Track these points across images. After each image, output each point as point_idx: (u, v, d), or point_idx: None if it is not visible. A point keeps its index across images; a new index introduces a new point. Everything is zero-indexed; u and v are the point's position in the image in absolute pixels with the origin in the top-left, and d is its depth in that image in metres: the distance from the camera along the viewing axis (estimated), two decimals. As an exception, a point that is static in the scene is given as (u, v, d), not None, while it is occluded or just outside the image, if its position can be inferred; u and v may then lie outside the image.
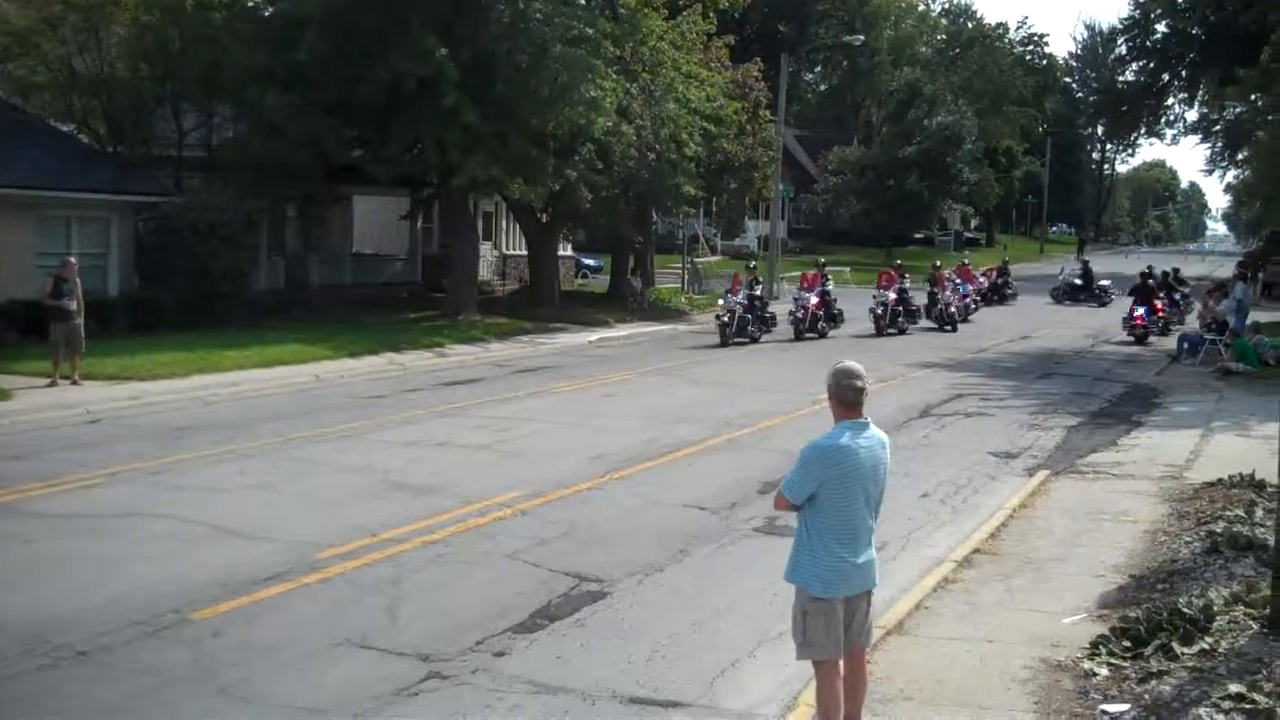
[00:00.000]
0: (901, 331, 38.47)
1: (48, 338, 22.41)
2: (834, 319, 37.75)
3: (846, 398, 7.15)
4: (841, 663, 7.37)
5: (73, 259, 23.93)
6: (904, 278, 40.73)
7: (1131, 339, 36.75)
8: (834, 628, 7.12)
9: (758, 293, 35.84)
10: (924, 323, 40.27)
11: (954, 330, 39.77)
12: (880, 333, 37.76)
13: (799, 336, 35.51)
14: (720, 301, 34.51)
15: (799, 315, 35.89)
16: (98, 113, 32.99)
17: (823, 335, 36.51)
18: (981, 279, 50.64)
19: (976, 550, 12.43)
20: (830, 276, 39.60)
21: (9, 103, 32.70)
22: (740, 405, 22.75)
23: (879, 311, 37.91)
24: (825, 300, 37.26)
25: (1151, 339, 36.93)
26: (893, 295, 38.36)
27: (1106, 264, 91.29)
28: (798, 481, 7.08)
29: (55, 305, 22.12)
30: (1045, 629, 10.02)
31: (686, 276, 50.88)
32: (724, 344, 32.81)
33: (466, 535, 12.86)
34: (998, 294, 52.55)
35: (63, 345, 22.09)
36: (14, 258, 26.07)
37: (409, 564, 11.73)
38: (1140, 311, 37.27)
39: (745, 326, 33.90)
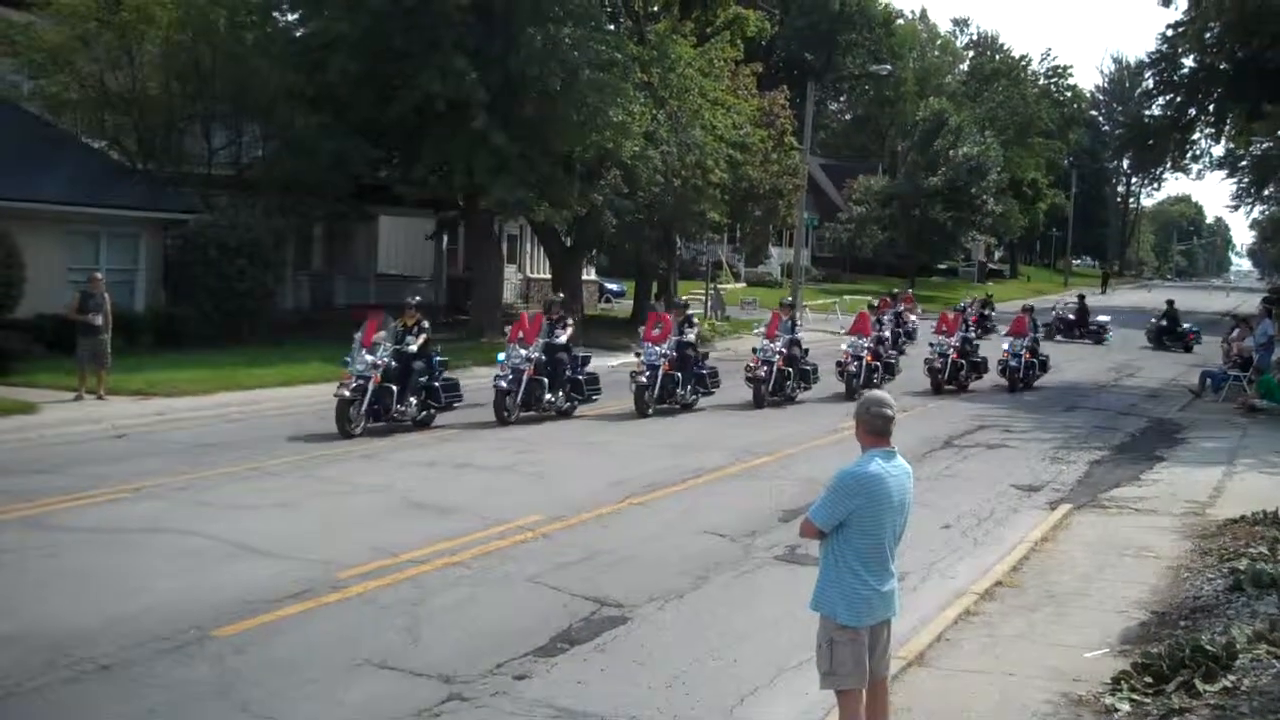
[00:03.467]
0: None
1: (74, 352, 22.56)
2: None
3: (876, 426, 7.16)
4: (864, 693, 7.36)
5: (99, 274, 24.09)
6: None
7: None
8: (860, 657, 7.10)
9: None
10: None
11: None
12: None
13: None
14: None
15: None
16: (129, 130, 33.17)
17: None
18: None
19: (998, 583, 12.40)
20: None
21: (42, 119, 32.94)
22: (762, 432, 22.74)
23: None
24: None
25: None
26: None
27: (1128, 298, 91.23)
28: (829, 509, 7.07)
29: (82, 320, 22.24)
30: (1066, 663, 9.98)
31: (709, 303, 50.91)
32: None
33: (487, 557, 12.88)
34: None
35: (89, 360, 22.20)
36: (43, 272, 26.24)
37: (430, 585, 11.74)
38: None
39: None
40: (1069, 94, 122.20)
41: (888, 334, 31.42)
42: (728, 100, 42.27)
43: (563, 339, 23.60)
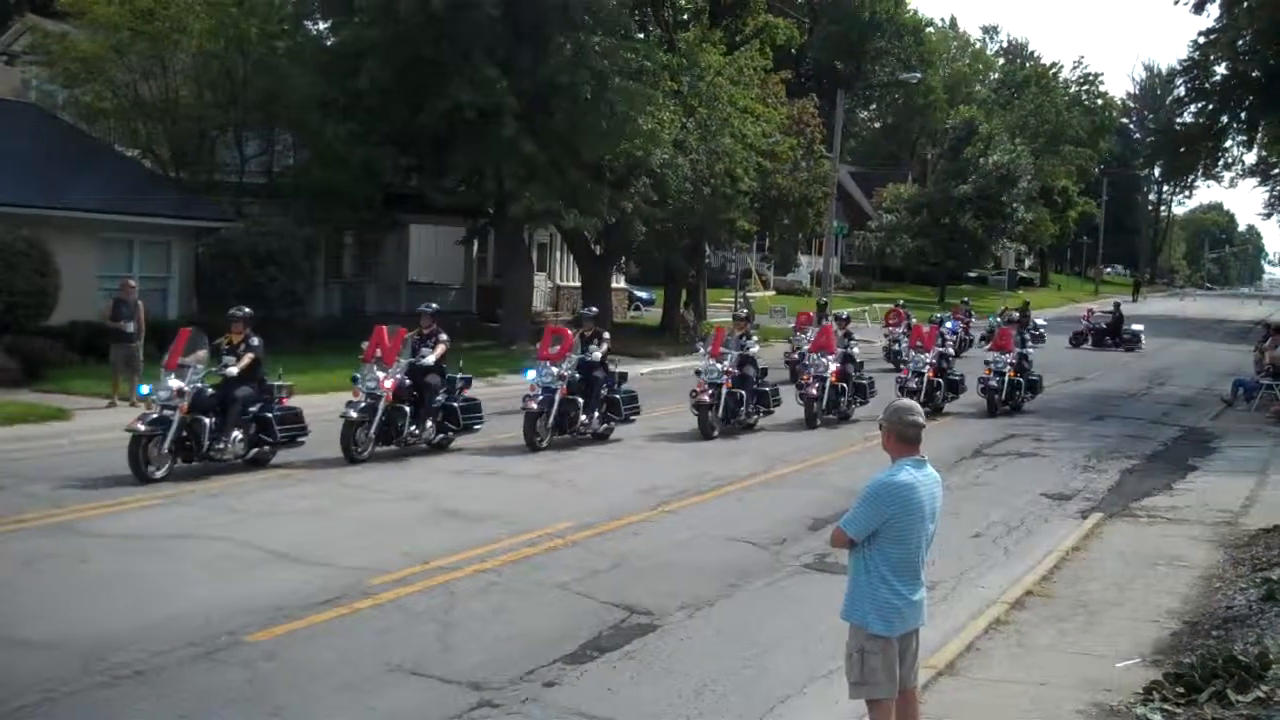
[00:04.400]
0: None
1: (107, 359, 22.73)
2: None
3: (907, 434, 7.14)
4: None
5: (132, 281, 24.26)
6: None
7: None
8: (891, 666, 7.09)
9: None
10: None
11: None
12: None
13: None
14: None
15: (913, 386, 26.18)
16: (161, 138, 33.44)
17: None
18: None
19: (1029, 592, 12.35)
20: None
21: (76, 128, 33.24)
22: (792, 441, 22.73)
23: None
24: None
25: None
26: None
27: (1159, 306, 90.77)
28: (861, 518, 7.06)
29: (115, 327, 22.40)
30: (1098, 673, 9.94)
31: (737, 310, 50.80)
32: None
33: (518, 565, 12.91)
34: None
35: (121, 367, 22.37)
36: (77, 280, 26.42)
37: (460, 592, 11.78)
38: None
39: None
40: (1100, 101, 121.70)
41: (856, 350, 27.27)
42: (757, 108, 42.25)
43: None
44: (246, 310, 18.64)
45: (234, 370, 17.53)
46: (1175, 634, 11.04)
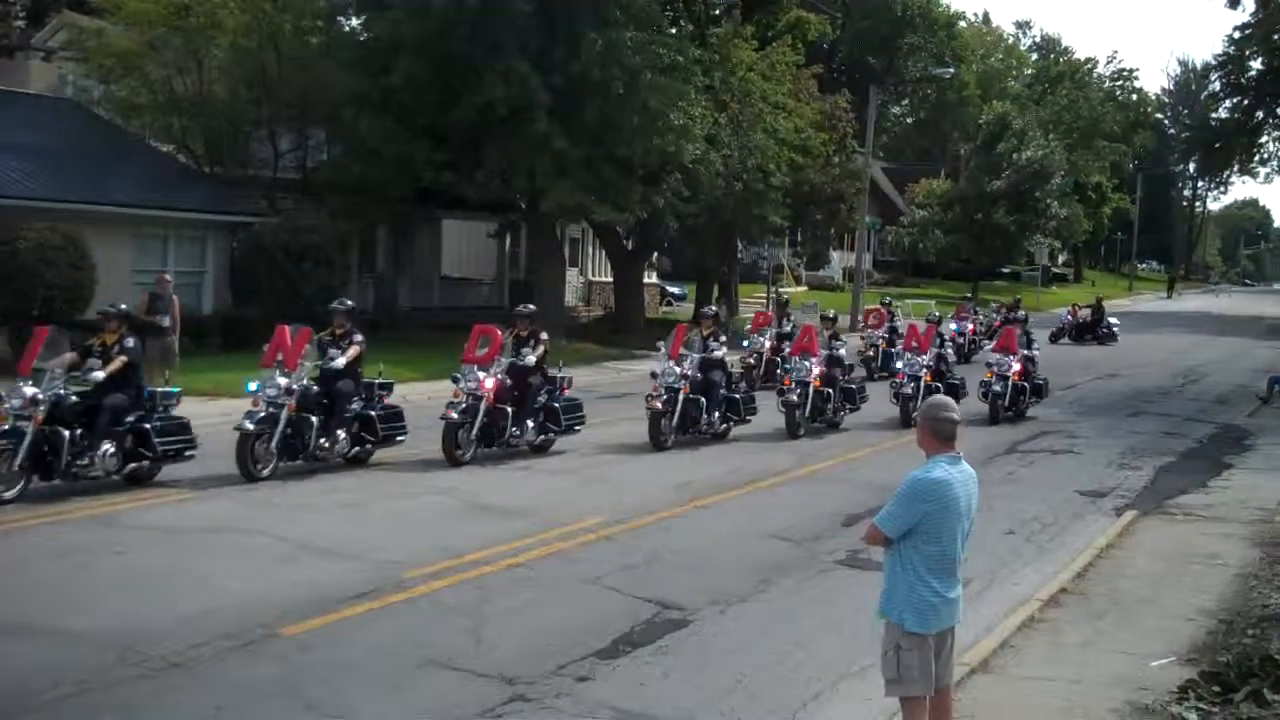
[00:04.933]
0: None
1: (143, 353, 22.83)
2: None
3: (943, 431, 7.12)
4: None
5: (167, 275, 24.43)
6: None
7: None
8: (927, 664, 7.07)
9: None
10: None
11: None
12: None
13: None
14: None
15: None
16: (196, 134, 33.64)
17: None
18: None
19: (1063, 589, 12.29)
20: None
21: (112, 123, 33.46)
22: (825, 437, 22.70)
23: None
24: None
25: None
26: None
27: (1194, 303, 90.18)
28: (897, 516, 7.03)
29: (150, 321, 22.55)
30: (1132, 671, 9.89)
31: (770, 306, 50.78)
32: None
33: (550, 559, 12.94)
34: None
35: (157, 361, 22.48)
36: (112, 274, 26.58)
37: (493, 586, 11.81)
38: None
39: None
40: (1134, 97, 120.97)
41: (843, 351, 24.82)
42: (789, 104, 42.20)
43: (531, 359, 19.33)
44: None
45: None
46: (1211, 632, 10.97)
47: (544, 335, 19.99)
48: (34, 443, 14.51)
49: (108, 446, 15.24)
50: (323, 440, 17.17)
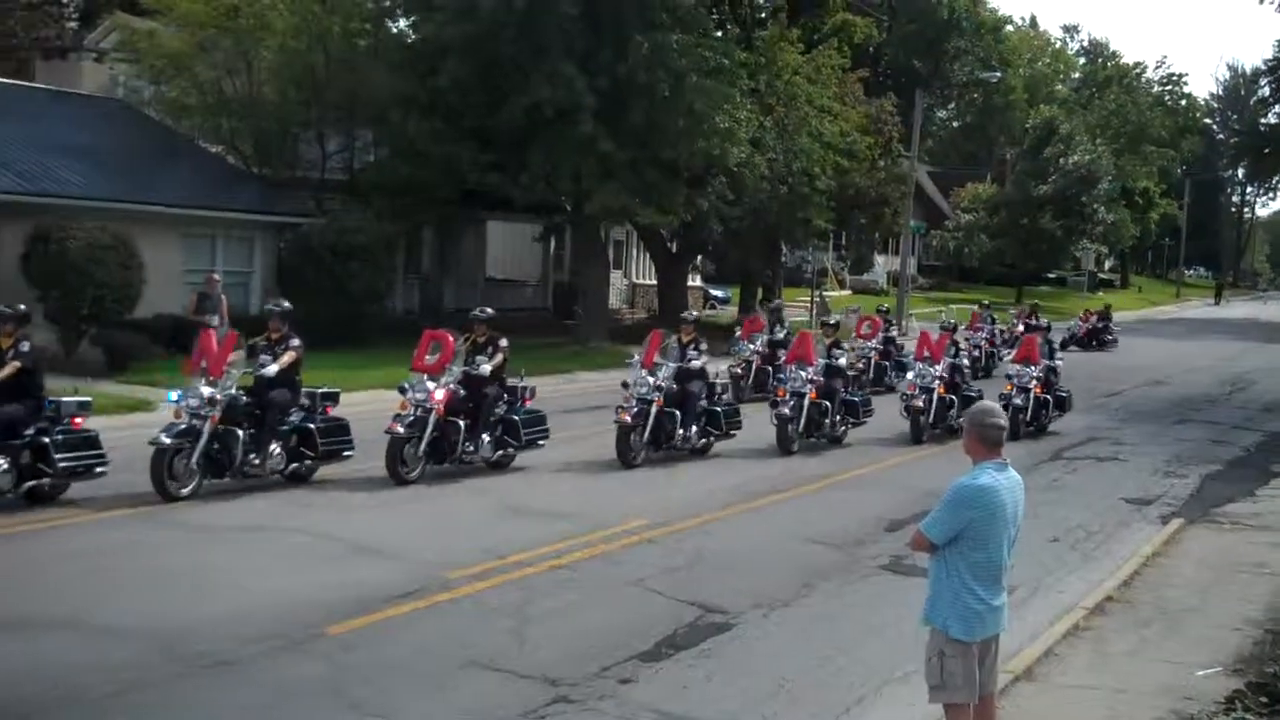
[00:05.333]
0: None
1: (190, 352, 23.04)
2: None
3: (990, 436, 7.09)
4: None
5: (216, 275, 24.62)
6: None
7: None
8: (971, 671, 7.05)
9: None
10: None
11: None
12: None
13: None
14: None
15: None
16: (244, 134, 33.89)
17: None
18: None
19: (1108, 598, 12.22)
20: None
21: (162, 124, 33.77)
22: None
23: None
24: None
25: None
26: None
27: (1241, 310, 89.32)
28: (943, 522, 7.02)
29: (198, 320, 22.75)
30: (1178, 681, 9.83)
31: (814, 310, 50.69)
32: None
33: (593, 561, 12.97)
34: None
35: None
36: (162, 273, 26.81)
37: (536, 587, 11.85)
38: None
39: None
40: (1183, 102, 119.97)
41: (843, 360, 22.54)
42: (834, 107, 42.11)
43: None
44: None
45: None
46: (1258, 643, 10.89)
47: (503, 342, 17.99)
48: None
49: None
50: (253, 455, 15.52)
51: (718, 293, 57.17)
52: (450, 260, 39.74)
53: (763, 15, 45.70)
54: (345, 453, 16.66)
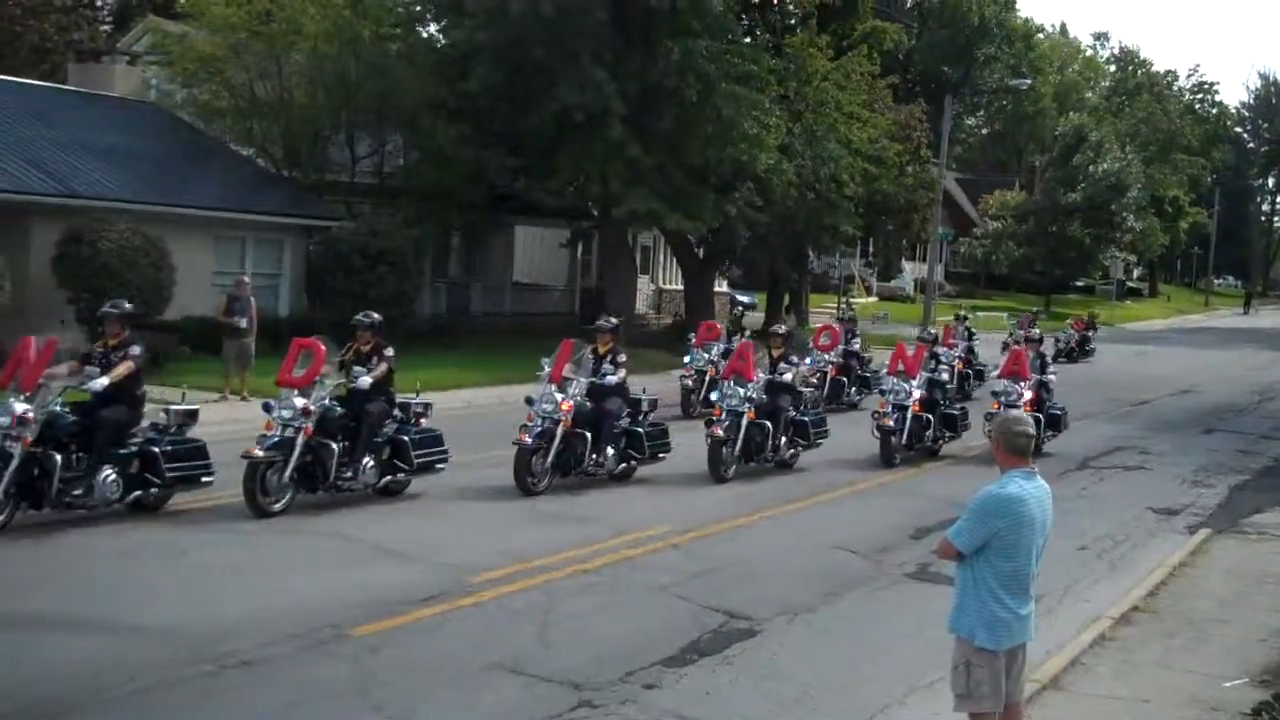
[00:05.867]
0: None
1: (220, 354, 23.22)
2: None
3: (1018, 445, 7.07)
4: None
5: (245, 278, 24.71)
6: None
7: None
8: (998, 680, 7.03)
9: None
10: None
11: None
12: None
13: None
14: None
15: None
16: (275, 138, 34.02)
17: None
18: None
19: (1135, 608, 12.18)
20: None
21: (193, 126, 33.95)
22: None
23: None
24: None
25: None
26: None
27: (1271, 319, 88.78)
28: (970, 531, 7.01)
29: (228, 323, 22.88)
30: (1204, 691, 9.80)
31: (840, 316, 50.52)
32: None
33: (618, 566, 12.99)
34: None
35: (234, 362, 22.84)
36: (192, 276, 26.93)
37: (560, 592, 11.88)
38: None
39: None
40: (1214, 110, 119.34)
41: (789, 376, 19.84)
42: (863, 114, 42.05)
43: (366, 381, 15.35)
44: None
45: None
46: (1285, 654, 10.85)
47: (389, 352, 15.91)
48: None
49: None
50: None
51: (744, 299, 57.09)
52: (478, 265, 39.83)
53: (792, 22, 45.65)
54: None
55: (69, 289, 24.32)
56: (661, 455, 18.05)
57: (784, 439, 19.24)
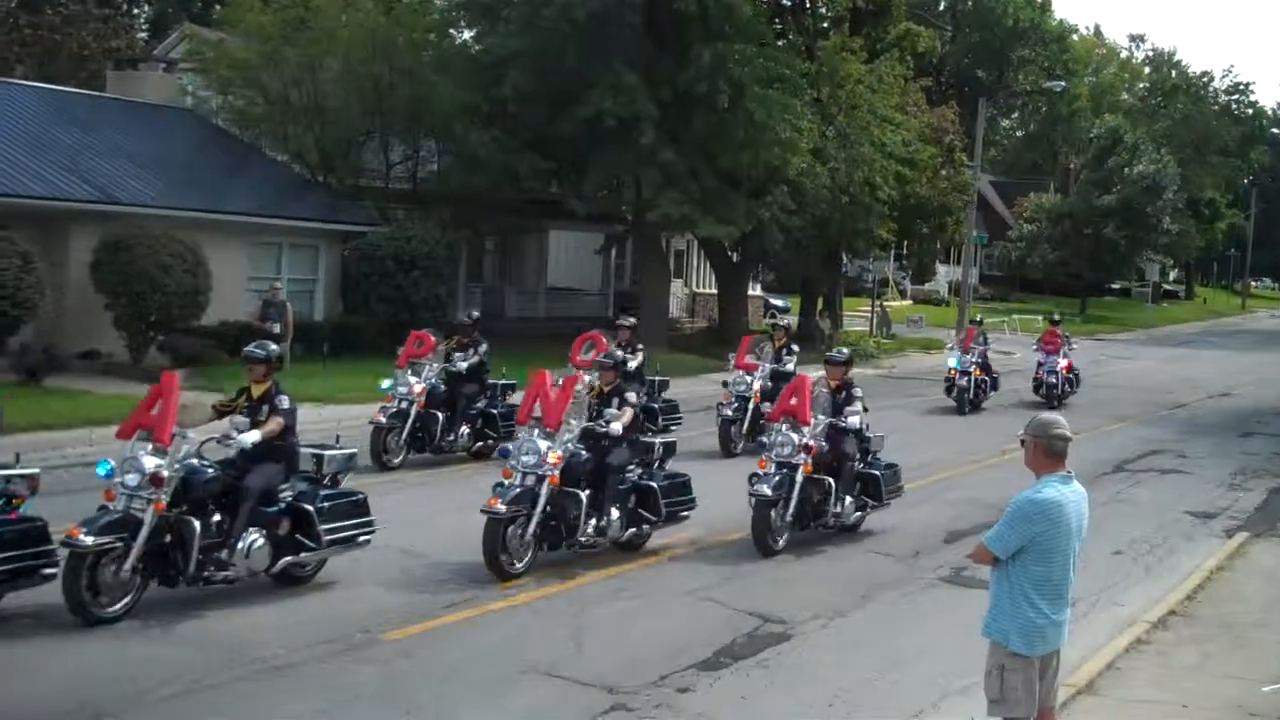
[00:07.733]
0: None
1: (255, 360, 23.30)
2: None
3: (1056, 448, 7.02)
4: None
5: (279, 284, 24.85)
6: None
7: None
8: (1032, 685, 7.00)
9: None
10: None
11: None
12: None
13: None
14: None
15: None
16: (310, 144, 34.17)
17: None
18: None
19: (1171, 612, 12.11)
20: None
21: (229, 133, 34.15)
22: (918, 454, 22.34)
23: None
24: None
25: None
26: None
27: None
28: (1007, 536, 6.97)
29: (262, 328, 23.02)
30: (1242, 696, 9.73)
31: (875, 320, 50.47)
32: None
33: (649, 570, 13.03)
34: None
35: (270, 368, 22.91)
36: (228, 281, 27.07)
37: (593, 596, 11.92)
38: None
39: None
40: (1250, 111, 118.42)
41: (854, 420, 15.32)
42: (897, 117, 41.93)
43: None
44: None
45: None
46: (1324, 660, 10.77)
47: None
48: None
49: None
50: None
51: (778, 302, 57.03)
52: (512, 269, 39.94)
53: (825, 25, 45.56)
54: (683, 514, 14.29)
55: (106, 295, 24.50)
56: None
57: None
